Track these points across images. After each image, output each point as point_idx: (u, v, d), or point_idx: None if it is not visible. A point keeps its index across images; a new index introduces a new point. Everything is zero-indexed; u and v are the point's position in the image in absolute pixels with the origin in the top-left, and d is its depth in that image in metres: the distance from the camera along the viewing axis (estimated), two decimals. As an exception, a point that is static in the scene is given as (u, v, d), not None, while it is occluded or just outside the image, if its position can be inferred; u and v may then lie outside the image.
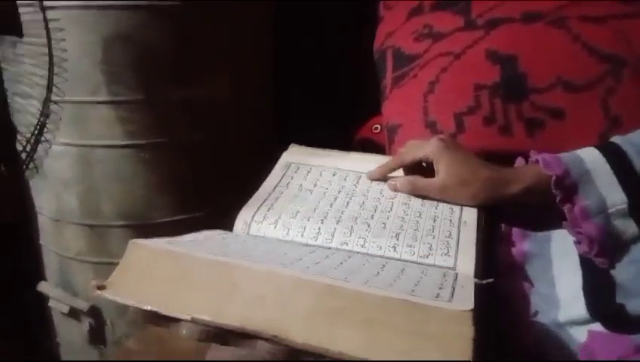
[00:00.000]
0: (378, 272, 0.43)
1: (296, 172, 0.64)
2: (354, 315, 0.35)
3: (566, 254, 0.52)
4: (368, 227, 0.53)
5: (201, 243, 0.46)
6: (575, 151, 0.52)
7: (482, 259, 0.49)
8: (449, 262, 0.48)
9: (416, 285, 0.40)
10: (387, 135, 0.74)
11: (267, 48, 1.05)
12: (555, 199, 0.50)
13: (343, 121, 0.98)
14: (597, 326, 0.48)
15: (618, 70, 0.58)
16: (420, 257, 0.49)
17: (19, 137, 0.76)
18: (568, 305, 0.50)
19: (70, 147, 0.91)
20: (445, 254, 0.49)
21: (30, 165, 0.77)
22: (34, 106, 0.78)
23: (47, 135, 0.79)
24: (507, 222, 0.57)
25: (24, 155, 0.76)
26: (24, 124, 0.77)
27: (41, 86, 0.76)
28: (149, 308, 0.38)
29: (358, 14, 0.92)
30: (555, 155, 0.52)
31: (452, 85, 0.66)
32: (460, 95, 0.64)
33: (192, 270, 0.39)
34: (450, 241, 0.50)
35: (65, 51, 0.77)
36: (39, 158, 0.79)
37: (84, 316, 1.01)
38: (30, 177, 0.80)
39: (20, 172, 0.77)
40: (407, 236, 0.51)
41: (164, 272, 0.40)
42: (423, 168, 0.59)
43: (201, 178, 0.97)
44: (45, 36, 0.73)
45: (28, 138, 0.77)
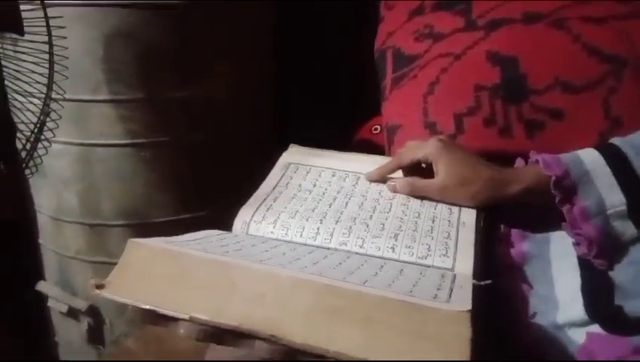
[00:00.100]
0: (376, 273, 0.43)
1: (295, 172, 0.64)
2: (352, 315, 0.35)
3: (565, 255, 0.52)
4: (367, 227, 0.53)
5: (199, 242, 0.46)
6: (575, 151, 0.52)
7: (481, 260, 0.49)
8: (447, 263, 0.48)
9: (414, 286, 0.40)
10: (387, 136, 0.74)
11: (267, 48, 1.05)
12: (555, 199, 0.50)
13: (343, 122, 0.98)
14: (595, 327, 0.48)
15: (619, 70, 0.58)
16: (419, 258, 0.49)
17: (19, 135, 0.76)
18: (567, 307, 0.50)
19: (70, 145, 0.91)
20: (444, 255, 0.49)
21: (30, 163, 0.77)
22: (34, 104, 0.77)
23: (47, 133, 0.79)
24: (506, 223, 0.57)
25: (24, 153, 0.76)
26: (24, 122, 0.77)
27: (41, 84, 0.76)
28: (148, 307, 0.38)
29: (359, 14, 0.92)
30: (555, 156, 0.52)
31: (452, 86, 0.66)
32: (460, 96, 0.64)
33: (191, 269, 0.39)
34: (448, 242, 0.50)
35: (66, 49, 0.77)
36: (39, 157, 0.78)
37: (82, 315, 1.01)
38: (30, 175, 0.79)
39: (20, 170, 0.76)
40: (405, 237, 0.51)
41: (162, 271, 0.40)
42: (423, 169, 0.59)
43: (200, 177, 0.97)
44: (46, 34, 0.73)
45: (28, 136, 0.77)
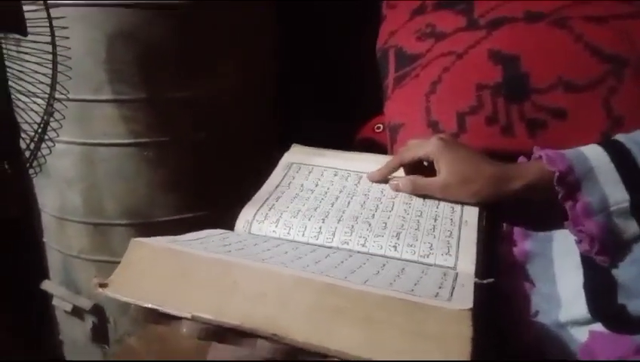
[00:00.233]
0: (378, 271, 0.43)
1: (297, 172, 0.64)
2: (354, 314, 0.35)
3: (567, 254, 0.52)
4: (369, 226, 0.53)
5: (202, 241, 0.46)
6: (579, 148, 0.52)
7: (483, 259, 0.49)
8: (450, 262, 0.48)
9: (415, 284, 0.40)
10: (389, 135, 0.74)
11: (269, 47, 1.05)
12: (557, 195, 0.50)
13: (345, 121, 0.98)
14: (598, 326, 0.48)
15: (620, 70, 0.58)
16: (421, 256, 0.49)
17: (22, 135, 0.77)
18: (569, 305, 0.50)
19: (73, 145, 0.91)
20: (446, 254, 0.49)
21: (34, 163, 0.77)
22: (38, 104, 0.78)
23: (50, 133, 0.79)
24: (509, 222, 0.57)
25: (28, 153, 0.76)
26: (28, 122, 0.77)
27: (44, 84, 0.76)
28: (150, 306, 0.38)
29: (361, 13, 0.92)
30: (559, 151, 0.52)
31: (454, 85, 0.66)
32: (462, 95, 0.64)
33: (193, 268, 0.39)
34: (450, 241, 0.50)
35: (69, 49, 0.77)
36: (43, 156, 0.79)
37: (87, 314, 1.02)
38: (34, 175, 0.80)
39: (24, 170, 0.77)
40: (407, 235, 0.51)
41: (165, 270, 0.40)
42: (424, 167, 0.59)
43: (203, 177, 0.97)
44: (49, 34, 0.73)
45: (32, 136, 0.77)
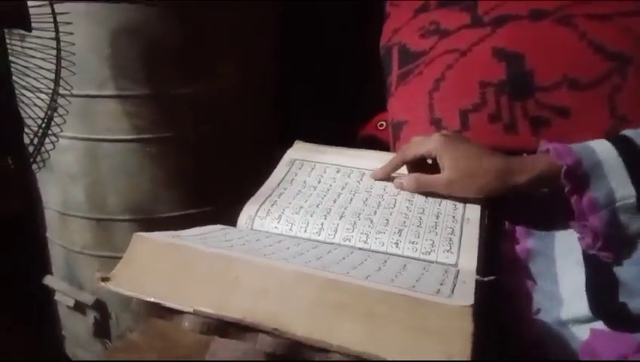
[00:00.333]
0: (380, 268, 0.43)
1: (300, 168, 0.64)
2: (355, 309, 0.35)
3: (570, 252, 0.52)
4: (371, 223, 0.53)
5: (204, 237, 0.47)
6: (586, 142, 0.51)
7: (485, 256, 0.49)
8: (451, 259, 0.48)
9: (417, 281, 0.40)
10: (392, 132, 0.74)
11: (272, 44, 1.05)
12: (562, 190, 0.50)
13: (348, 118, 0.98)
14: (599, 324, 0.48)
15: (624, 68, 0.58)
16: (423, 254, 0.49)
17: (26, 130, 0.77)
18: (571, 303, 0.50)
19: (77, 141, 0.91)
20: (448, 251, 0.49)
21: (37, 158, 0.78)
22: (41, 100, 0.78)
23: (54, 128, 0.79)
24: (510, 221, 0.57)
25: (31, 148, 0.77)
26: (32, 118, 0.77)
27: (48, 79, 0.76)
28: (152, 300, 0.38)
29: (362, 12, 0.92)
30: (566, 145, 0.51)
31: (458, 82, 0.66)
32: (466, 92, 0.64)
33: (195, 263, 0.40)
34: (452, 238, 0.50)
35: (72, 45, 0.77)
36: (46, 151, 0.79)
37: (89, 309, 1.02)
38: (37, 170, 0.80)
39: (27, 165, 0.77)
40: (409, 232, 0.51)
41: (167, 265, 0.40)
42: (428, 164, 0.58)
43: (206, 173, 0.97)
44: (53, 30, 0.74)
45: (35, 131, 0.77)
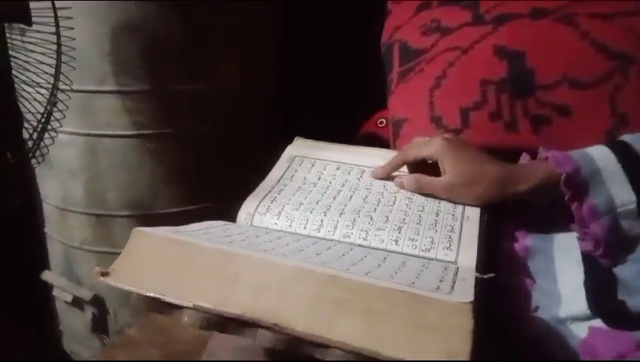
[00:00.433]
0: (379, 264, 0.43)
1: (300, 165, 0.64)
2: (355, 305, 0.35)
3: (568, 253, 0.52)
4: (371, 220, 0.53)
5: (204, 232, 0.47)
6: (585, 149, 0.52)
7: (484, 254, 0.49)
8: (451, 256, 0.48)
9: (417, 277, 0.40)
10: (392, 129, 0.74)
11: (273, 41, 1.05)
12: (562, 197, 0.50)
13: (348, 115, 0.98)
14: (598, 322, 0.48)
15: (626, 67, 0.58)
16: (422, 251, 0.49)
17: (26, 125, 0.77)
18: (569, 301, 0.50)
19: (77, 136, 0.91)
20: (447, 248, 0.49)
21: (37, 153, 0.78)
22: (41, 95, 0.78)
23: (53, 123, 0.79)
24: (510, 222, 0.57)
25: (31, 143, 0.77)
26: (31, 112, 0.77)
27: (48, 74, 0.76)
28: (152, 295, 0.38)
29: (366, 8, 0.91)
30: (565, 153, 0.51)
31: (458, 80, 0.65)
32: (467, 90, 0.64)
33: (195, 258, 0.39)
34: (452, 236, 0.50)
35: (73, 40, 0.77)
36: (46, 146, 0.79)
37: (87, 305, 1.02)
38: (36, 165, 0.80)
39: (26, 160, 0.77)
40: (409, 230, 0.51)
41: (167, 260, 0.40)
42: (428, 165, 0.58)
43: (205, 169, 0.97)
44: (54, 25, 0.73)
45: (35, 126, 0.77)
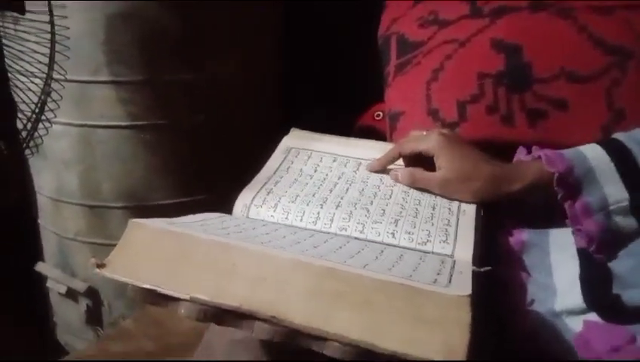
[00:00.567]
0: (377, 257, 0.43)
1: (296, 156, 0.64)
2: (352, 298, 0.35)
3: (564, 245, 0.52)
4: (367, 213, 0.53)
5: (200, 223, 0.46)
6: (578, 147, 0.51)
7: (480, 248, 0.49)
8: (447, 250, 0.48)
9: (414, 270, 0.40)
10: (389, 122, 0.74)
11: (271, 32, 1.04)
12: (556, 196, 0.50)
13: (345, 107, 0.98)
14: (593, 316, 0.48)
15: (623, 62, 0.58)
16: (419, 244, 0.49)
17: (19, 115, 0.76)
18: (565, 294, 0.50)
19: (71, 127, 0.90)
20: (444, 241, 0.49)
21: (30, 143, 0.77)
22: (35, 84, 0.77)
23: (48, 114, 0.78)
24: (505, 219, 0.57)
25: (24, 134, 0.76)
26: (25, 102, 0.76)
27: (43, 64, 0.75)
28: (148, 287, 0.38)
29: (365, 8, 0.91)
30: (558, 152, 0.51)
31: (456, 73, 0.65)
32: (464, 83, 0.64)
33: (192, 250, 0.39)
34: (448, 229, 0.50)
35: (67, 29, 0.76)
36: (40, 137, 0.78)
37: (81, 296, 1.02)
38: (30, 155, 0.79)
39: (20, 150, 0.76)
40: (406, 223, 0.51)
41: (163, 251, 0.40)
42: (424, 159, 0.58)
43: (201, 161, 0.97)
44: (48, 13, 0.73)
45: (29, 116, 0.76)
